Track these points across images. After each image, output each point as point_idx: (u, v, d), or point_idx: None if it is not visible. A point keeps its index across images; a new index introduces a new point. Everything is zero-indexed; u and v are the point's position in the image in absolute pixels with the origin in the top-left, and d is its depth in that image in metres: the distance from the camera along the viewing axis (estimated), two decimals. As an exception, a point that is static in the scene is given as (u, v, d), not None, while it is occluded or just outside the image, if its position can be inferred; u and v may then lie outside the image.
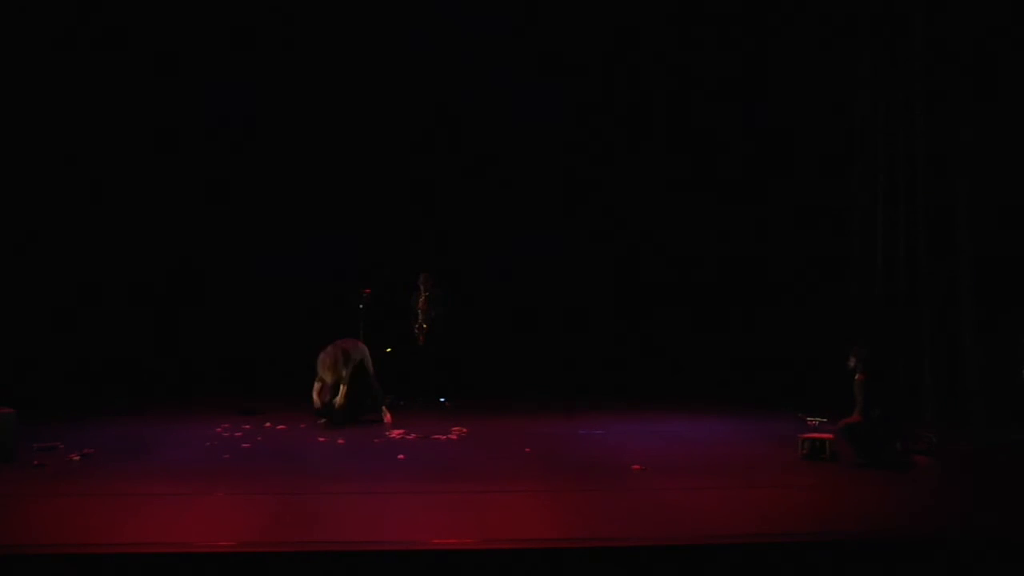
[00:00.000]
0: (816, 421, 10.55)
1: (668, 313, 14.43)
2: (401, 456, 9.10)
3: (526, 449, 9.37)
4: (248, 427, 10.61)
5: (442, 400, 12.57)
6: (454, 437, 10.14)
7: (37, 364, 12.72)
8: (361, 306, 11.77)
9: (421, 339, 12.62)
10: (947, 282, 11.18)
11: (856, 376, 8.76)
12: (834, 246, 12.97)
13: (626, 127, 14.63)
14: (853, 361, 8.85)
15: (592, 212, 14.72)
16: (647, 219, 14.64)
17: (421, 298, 12.62)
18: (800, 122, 13.42)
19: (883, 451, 8.60)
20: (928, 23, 11.31)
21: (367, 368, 11.12)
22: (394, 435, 10.18)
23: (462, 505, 7.18)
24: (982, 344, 10.88)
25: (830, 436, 8.87)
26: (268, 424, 10.81)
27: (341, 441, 9.96)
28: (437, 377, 12.65)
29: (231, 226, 14.33)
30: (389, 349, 12.66)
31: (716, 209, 14.37)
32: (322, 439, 10.04)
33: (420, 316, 12.61)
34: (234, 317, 14.12)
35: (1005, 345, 10.68)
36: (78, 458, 8.80)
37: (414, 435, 10.16)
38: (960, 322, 11.09)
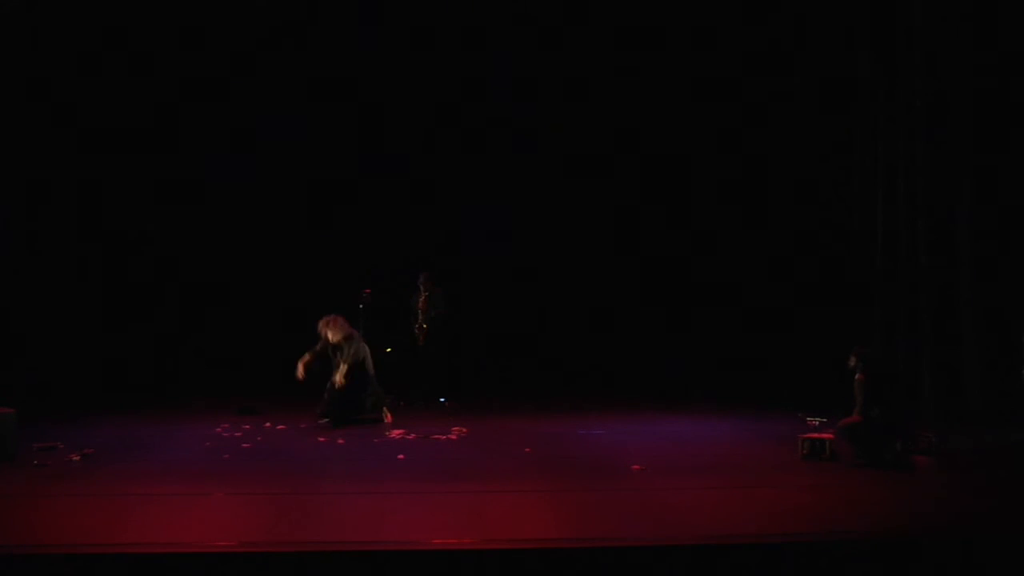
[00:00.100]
0: (816, 421, 10.53)
1: (666, 313, 14.44)
2: (401, 456, 9.10)
3: (526, 449, 9.37)
4: (248, 427, 10.61)
5: (442, 400, 12.56)
6: (454, 437, 10.14)
7: (37, 364, 12.73)
8: (361, 306, 11.76)
9: (421, 339, 12.63)
10: (947, 282, 11.17)
11: (856, 376, 8.76)
12: (834, 246, 12.98)
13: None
14: (853, 361, 8.85)
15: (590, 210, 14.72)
16: (646, 220, 14.64)
17: (421, 298, 12.62)
18: (800, 122, 13.42)
19: (883, 451, 8.60)
20: (929, 23, 11.32)
21: (367, 368, 11.12)
22: (394, 435, 10.18)
23: (462, 505, 7.18)
24: (982, 344, 10.88)
25: (830, 436, 8.86)
26: (268, 424, 10.81)
27: (341, 441, 9.96)
28: (437, 377, 12.66)
29: (231, 226, 14.33)
30: (389, 349, 12.66)
31: (716, 209, 14.37)
32: (322, 439, 10.04)
33: (420, 316, 12.61)
34: (235, 317, 14.12)
35: (1005, 345, 10.67)
36: (78, 458, 8.79)
37: (414, 435, 10.16)
38: (960, 321, 11.09)
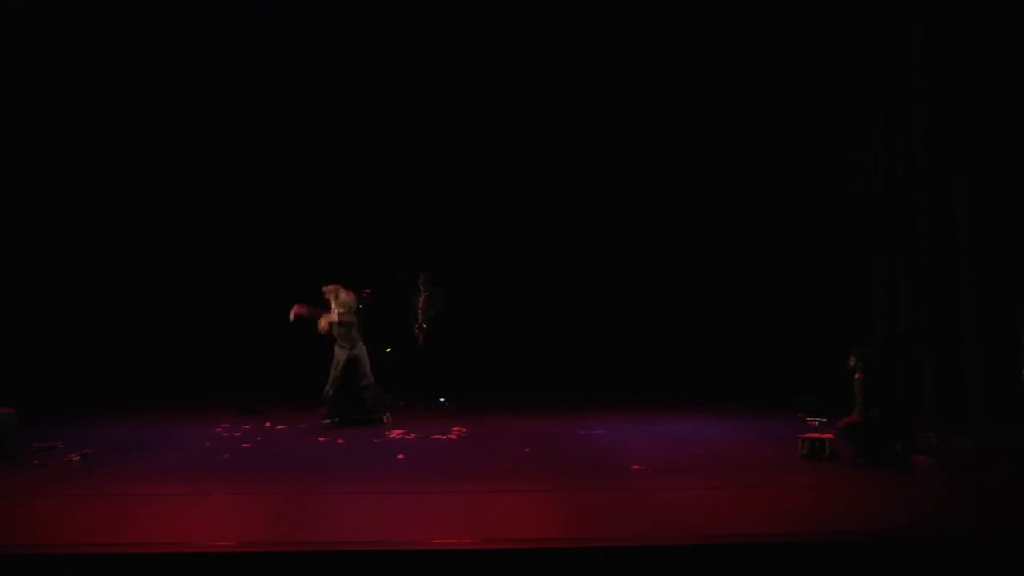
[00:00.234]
0: (816, 421, 10.54)
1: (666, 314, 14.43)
2: (401, 456, 9.10)
3: (526, 449, 9.37)
4: (248, 427, 10.61)
5: (442, 400, 12.56)
6: (454, 437, 10.14)
7: (37, 364, 12.73)
8: (361, 306, 11.75)
9: (421, 339, 12.62)
10: (947, 282, 11.17)
11: (856, 376, 8.76)
12: (834, 246, 12.98)
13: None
14: (853, 361, 8.85)
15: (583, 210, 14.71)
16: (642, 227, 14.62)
17: (421, 298, 12.61)
18: (800, 122, 13.43)
19: (883, 451, 8.60)
20: (928, 23, 11.32)
21: (362, 366, 11.06)
22: (394, 435, 10.18)
23: (462, 505, 7.19)
24: (982, 344, 10.88)
25: (830, 436, 8.87)
26: (268, 424, 10.81)
27: (341, 441, 9.96)
28: (437, 377, 12.65)
29: (231, 226, 14.33)
30: (389, 349, 12.66)
31: (714, 209, 14.37)
32: (322, 439, 10.04)
33: (420, 316, 12.61)
34: (233, 317, 14.11)
35: (1005, 345, 10.67)
36: (78, 458, 8.80)
37: (414, 435, 10.16)
38: (960, 321, 11.08)
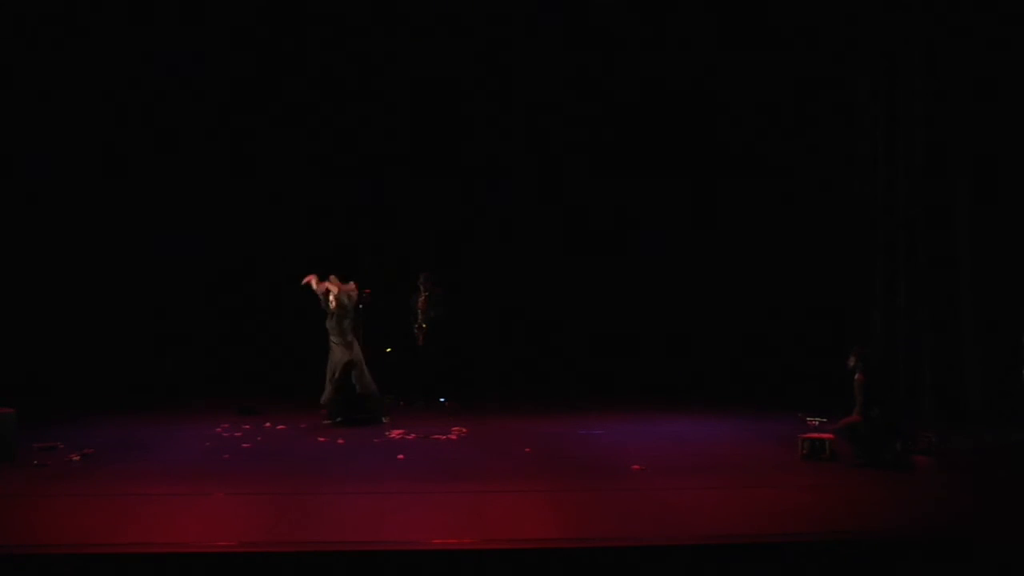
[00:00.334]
0: (816, 421, 10.54)
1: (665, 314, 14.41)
2: (401, 456, 9.10)
3: (526, 449, 9.37)
4: (248, 427, 10.61)
5: (442, 400, 12.56)
6: (454, 437, 10.14)
7: (37, 364, 12.73)
8: (361, 306, 11.75)
9: (420, 339, 12.62)
10: (947, 282, 11.17)
11: (856, 376, 8.76)
12: (834, 246, 12.98)
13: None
14: (853, 361, 8.85)
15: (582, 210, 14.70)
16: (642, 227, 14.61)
17: (421, 298, 12.61)
18: (799, 121, 13.42)
19: (883, 451, 8.60)
20: (929, 22, 11.32)
21: (357, 366, 11.05)
22: (394, 435, 10.17)
23: (462, 505, 7.19)
24: (982, 344, 10.88)
25: (830, 436, 8.87)
26: (268, 424, 10.81)
27: (341, 441, 9.96)
28: (437, 377, 12.65)
29: (229, 227, 14.32)
30: (389, 349, 12.66)
31: (713, 208, 14.35)
32: (322, 439, 10.04)
33: (419, 316, 12.61)
34: (234, 317, 14.11)
35: (1005, 345, 10.67)
36: (78, 458, 8.80)
37: (414, 435, 10.16)
38: (960, 321, 11.08)
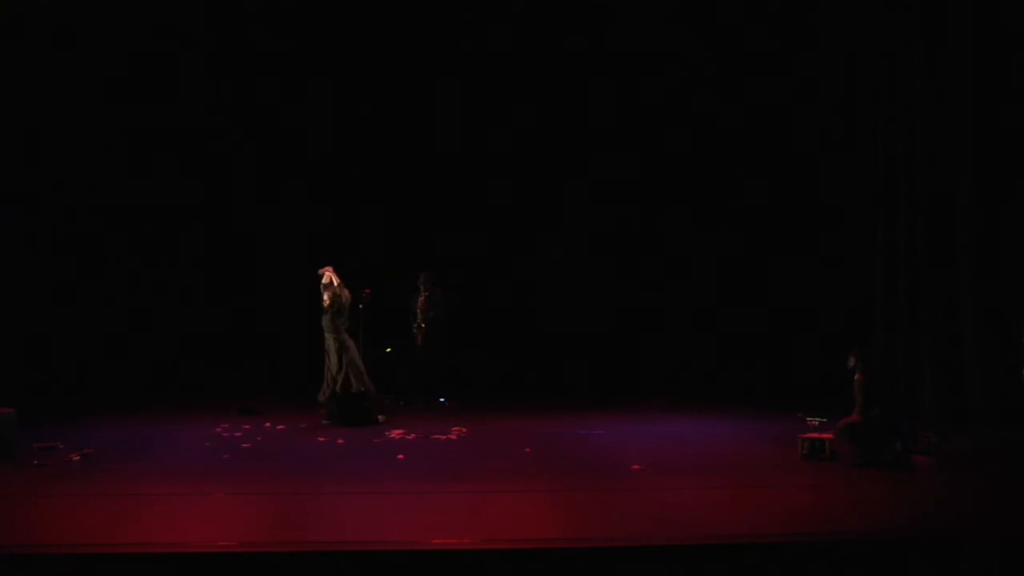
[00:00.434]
0: (816, 421, 10.54)
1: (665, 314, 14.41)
2: (401, 456, 9.10)
3: (526, 449, 9.37)
4: (248, 427, 10.61)
5: (442, 400, 12.56)
6: (454, 437, 10.14)
7: (38, 364, 12.73)
8: (361, 306, 11.76)
9: (419, 339, 12.61)
10: (947, 282, 11.17)
11: (856, 376, 8.76)
12: (834, 247, 12.98)
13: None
14: (853, 361, 8.85)
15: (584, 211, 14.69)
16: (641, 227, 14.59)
17: (421, 298, 12.60)
18: (799, 122, 13.42)
19: (883, 451, 8.59)
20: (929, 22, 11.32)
21: (361, 372, 11.05)
22: (394, 435, 10.17)
23: (462, 505, 7.19)
24: (982, 344, 10.88)
25: (830, 436, 8.86)
26: (268, 424, 10.81)
27: (341, 441, 9.96)
28: (436, 377, 12.65)
29: (230, 226, 14.33)
30: (389, 349, 12.66)
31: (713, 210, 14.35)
32: (322, 439, 10.04)
33: (419, 316, 12.60)
34: (234, 317, 14.11)
35: (1005, 345, 10.67)
36: (78, 458, 8.80)
37: (414, 435, 10.16)
38: (960, 321, 11.08)
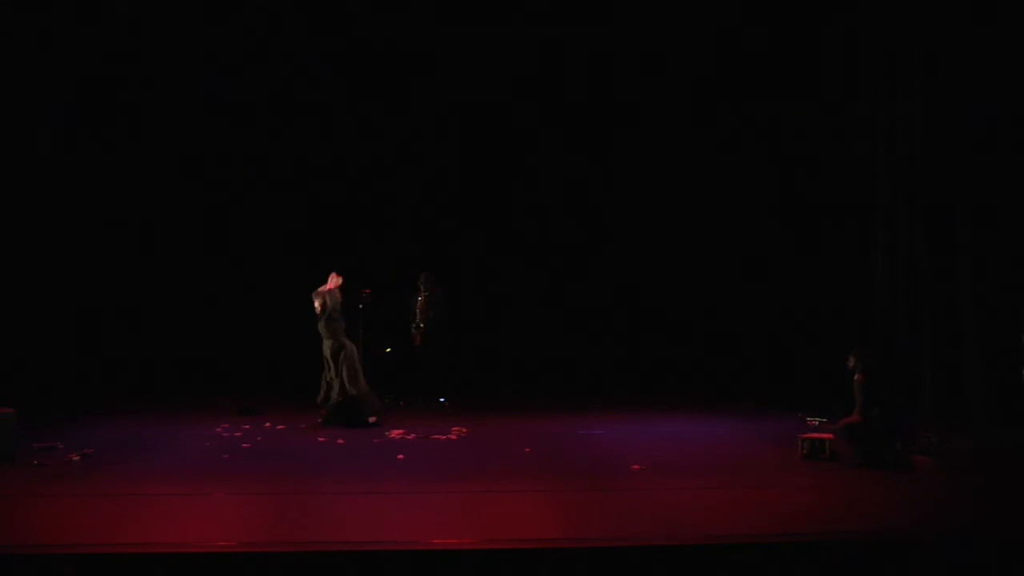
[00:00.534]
0: (816, 421, 10.55)
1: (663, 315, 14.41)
2: (401, 456, 9.10)
3: (526, 449, 9.37)
4: (248, 427, 10.61)
5: (442, 400, 12.55)
6: (454, 437, 10.14)
7: (38, 363, 12.72)
8: (361, 306, 11.76)
9: (418, 339, 12.61)
10: (947, 282, 11.17)
11: (856, 376, 8.76)
12: (833, 246, 12.98)
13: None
14: (853, 361, 8.85)
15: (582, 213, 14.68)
16: (642, 227, 14.60)
17: (420, 298, 12.60)
18: (799, 121, 13.42)
19: (883, 451, 8.60)
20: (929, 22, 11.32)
21: (358, 374, 11.04)
22: (394, 435, 10.17)
23: (462, 505, 7.19)
24: (982, 344, 10.88)
25: (830, 436, 8.87)
26: (268, 424, 10.81)
27: (341, 441, 9.96)
28: (437, 377, 12.65)
29: (230, 226, 14.33)
30: (388, 349, 12.66)
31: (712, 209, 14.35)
32: (322, 439, 10.04)
33: (418, 316, 12.59)
34: (235, 317, 14.11)
35: (1005, 345, 10.67)
36: (78, 458, 8.79)
37: (414, 435, 10.16)
38: (960, 321, 11.08)
